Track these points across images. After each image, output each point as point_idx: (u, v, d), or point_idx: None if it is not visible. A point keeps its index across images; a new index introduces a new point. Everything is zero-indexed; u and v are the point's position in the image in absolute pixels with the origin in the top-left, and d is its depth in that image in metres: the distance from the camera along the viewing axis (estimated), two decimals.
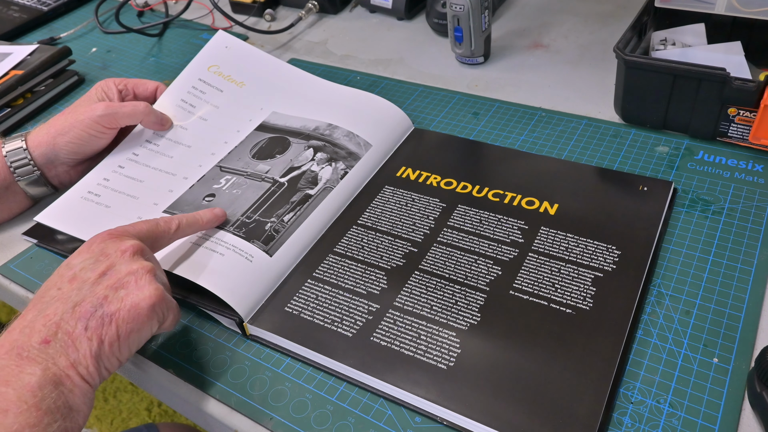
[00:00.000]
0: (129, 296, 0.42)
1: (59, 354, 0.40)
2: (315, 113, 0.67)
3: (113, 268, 0.43)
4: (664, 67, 0.58)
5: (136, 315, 0.42)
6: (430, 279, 0.51)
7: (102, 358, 0.41)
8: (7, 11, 1.02)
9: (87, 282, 0.42)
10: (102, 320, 0.41)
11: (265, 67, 0.72)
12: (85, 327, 0.41)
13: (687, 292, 0.49)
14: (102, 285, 0.42)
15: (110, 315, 0.41)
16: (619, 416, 0.42)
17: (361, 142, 0.63)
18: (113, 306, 0.42)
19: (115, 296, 0.42)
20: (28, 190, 0.62)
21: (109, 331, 0.41)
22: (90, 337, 0.40)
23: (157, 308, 0.43)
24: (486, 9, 0.73)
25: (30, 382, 0.37)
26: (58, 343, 0.40)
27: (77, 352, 0.40)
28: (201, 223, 0.53)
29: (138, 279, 0.43)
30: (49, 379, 0.38)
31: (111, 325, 0.41)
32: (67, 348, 0.40)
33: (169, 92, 0.67)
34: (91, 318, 0.41)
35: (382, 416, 0.44)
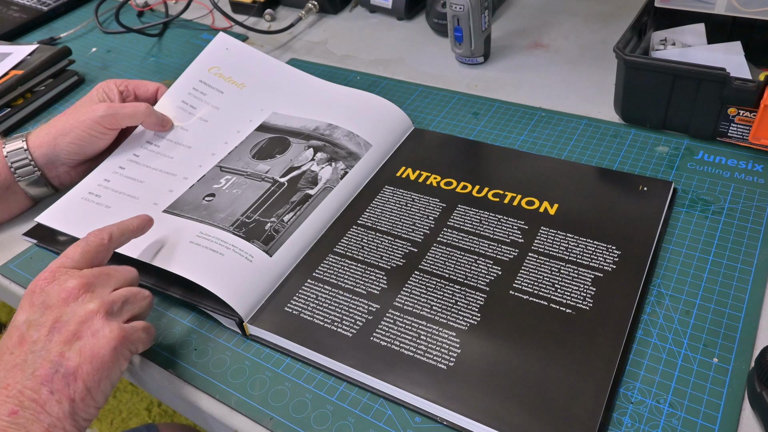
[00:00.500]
0: (86, 347, 0.40)
1: (31, 422, 0.38)
2: (315, 113, 0.67)
3: (60, 320, 0.41)
4: (663, 67, 0.58)
5: (99, 364, 0.40)
6: (430, 279, 0.51)
7: (77, 414, 0.40)
8: (7, 11, 1.02)
9: (38, 342, 0.40)
10: (66, 380, 0.39)
11: (266, 69, 0.72)
12: (51, 391, 0.39)
13: (687, 292, 0.49)
14: (54, 342, 0.40)
15: (73, 373, 0.39)
16: (619, 416, 0.42)
17: (361, 142, 0.63)
18: (72, 362, 0.40)
19: (71, 351, 0.40)
20: (29, 190, 0.62)
21: (77, 388, 0.39)
22: (59, 399, 0.39)
23: (121, 348, 0.42)
24: (486, 9, 0.73)
25: None
26: (27, 412, 0.38)
27: (50, 416, 0.38)
28: (131, 229, 0.50)
29: (90, 326, 0.41)
30: None
31: (77, 382, 0.39)
32: (38, 415, 0.38)
33: (170, 93, 0.67)
34: (53, 380, 0.39)
35: (382, 416, 0.44)
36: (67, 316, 0.41)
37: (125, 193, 0.60)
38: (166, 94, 0.67)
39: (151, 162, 0.63)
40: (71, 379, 0.39)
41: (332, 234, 0.56)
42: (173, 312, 0.53)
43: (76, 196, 0.60)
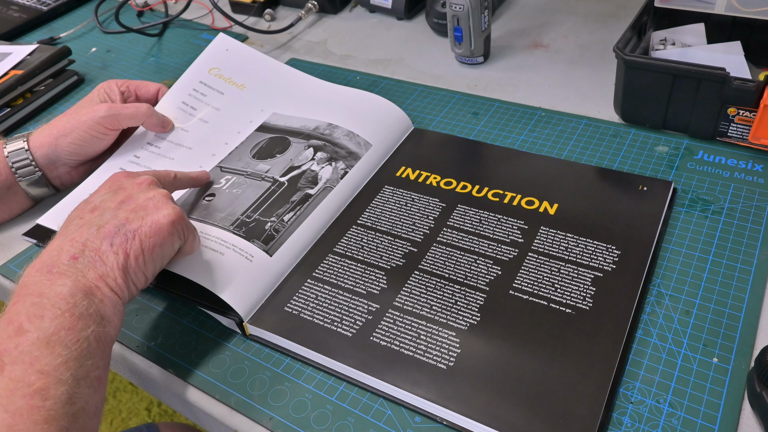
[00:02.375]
0: (149, 215, 0.45)
1: (88, 268, 0.42)
2: (315, 113, 0.67)
3: (132, 197, 0.47)
4: (663, 67, 0.58)
5: (157, 230, 0.45)
6: (429, 279, 0.51)
7: (129, 271, 0.44)
8: (7, 11, 1.02)
9: (108, 210, 0.46)
10: (126, 236, 0.44)
11: (266, 70, 0.72)
12: (111, 243, 0.43)
13: (687, 292, 0.49)
14: (123, 210, 0.45)
15: (133, 231, 0.44)
16: (619, 416, 0.42)
17: (361, 142, 0.63)
18: (135, 224, 0.45)
19: (135, 216, 0.45)
20: (30, 190, 0.62)
21: (134, 245, 0.44)
22: (116, 251, 0.43)
23: (177, 225, 0.46)
24: (486, 9, 0.73)
25: (62, 292, 0.40)
26: (86, 259, 0.42)
27: (105, 266, 0.42)
28: (191, 176, 0.58)
29: (156, 202, 0.46)
30: (80, 289, 0.41)
31: (135, 240, 0.44)
32: (95, 262, 0.42)
33: (171, 94, 0.67)
34: (115, 236, 0.44)
35: (381, 416, 0.44)
36: (138, 194, 0.47)
37: None
38: (166, 95, 0.67)
39: (151, 163, 0.63)
40: (130, 236, 0.44)
41: (332, 234, 0.56)
42: (173, 312, 0.53)
43: (78, 197, 0.60)
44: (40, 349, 0.37)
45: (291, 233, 0.55)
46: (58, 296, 0.40)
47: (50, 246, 0.44)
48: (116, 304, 0.43)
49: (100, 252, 0.43)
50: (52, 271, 0.41)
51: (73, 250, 0.42)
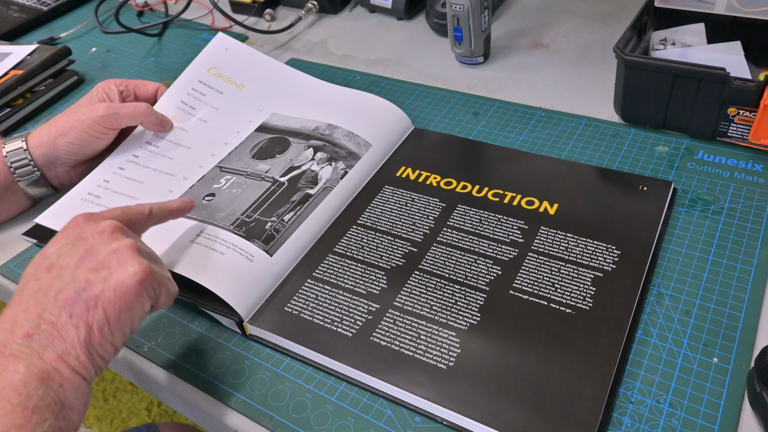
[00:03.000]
0: (112, 275, 0.40)
1: (44, 347, 0.37)
2: (315, 113, 0.67)
3: (92, 251, 0.41)
4: (663, 67, 0.58)
5: (122, 293, 0.39)
6: (429, 279, 0.51)
7: (93, 344, 0.38)
8: (7, 11, 1.02)
9: (66, 269, 0.40)
10: (87, 304, 0.38)
11: (265, 69, 0.72)
12: (70, 314, 0.38)
13: (687, 292, 0.49)
14: (82, 269, 0.40)
15: (95, 297, 0.38)
16: (619, 416, 0.42)
17: (361, 142, 0.63)
18: (96, 288, 0.39)
19: (97, 277, 0.39)
20: (29, 190, 0.62)
21: (96, 314, 0.38)
22: (76, 324, 0.38)
23: (146, 284, 0.41)
24: (486, 9, 0.73)
25: (13, 380, 0.35)
26: (42, 335, 0.37)
27: (64, 342, 0.37)
28: (171, 208, 0.50)
29: (120, 257, 0.40)
30: (35, 375, 0.35)
31: (97, 308, 0.38)
32: (52, 339, 0.37)
33: (169, 94, 0.67)
34: (74, 304, 0.38)
35: (381, 416, 0.44)
36: (99, 247, 0.41)
37: (125, 194, 0.60)
38: (165, 94, 0.67)
39: (150, 163, 0.63)
40: (92, 303, 0.38)
41: (332, 234, 0.56)
42: (173, 312, 0.53)
43: (76, 196, 0.60)
44: None
45: (291, 233, 0.55)
46: (8, 386, 0.34)
47: (4, 315, 0.38)
48: (79, 386, 0.37)
49: (57, 326, 0.37)
50: (4, 352, 0.36)
51: (27, 326, 0.37)
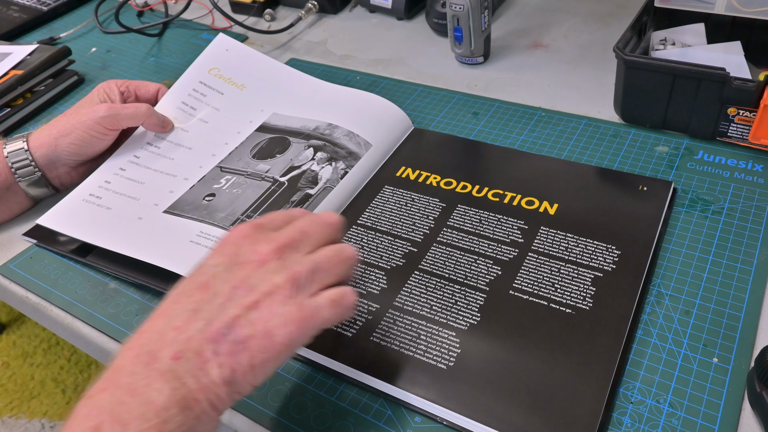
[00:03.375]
0: (261, 321, 0.37)
1: (189, 375, 0.35)
2: (315, 113, 0.67)
3: (247, 283, 0.38)
4: (663, 66, 0.58)
5: (269, 345, 0.36)
6: (429, 279, 0.51)
7: (234, 385, 0.36)
8: (7, 11, 1.02)
9: (218, 296, 0.38)
10: (233, 346, 0.36)
11: (266, 70, 0.72)
12: (215, 351, 0.36)
13: (687, 292, 0.49)
14: (234, 302, 0.37)
15: (242, 341, 0.36)
16: (619, 416, 0.42)
17: (361, 142, 0.63)
18: (245, 330, 0.36)
19: (247, 319, 0.37)
20: (29, 191, 0.62)
21: (242, 360, 0.36)
22: (221, 363, 0.36)
23: (303, 331, 0.38)
24: (486, 9, 0.73)
25: (156, 400, 0.34)
26: (188, 363, 0.35)
27: (207, 377, 0.35)
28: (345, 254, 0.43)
29: (271, 300, 0.37)
30: (177, 401, 0.34)
31: (243, 353, 0.36)
32: (196, 371, 0.35)
33: (170, 94, 0.68)
34: (221, 342, 0.36)
35: (381, 416, 0.44)
36: (253, 281, 0.38)
37: (126, 195, 0.60)
38: (166, 95, 0.67)
39: (151, 163, 0.63)
40: (239, 347, 0.36)
41: None
42: None
43: (77, 197, 0.60)
44: None
45: None
46: (150, 405, 0.33)
47: (153, 322, 0.38)
48: (212, 420, 0.36)
49: (202, 359, 0.35)
50: (151, 365, 0.35)
51: (176, 348, 0.36)
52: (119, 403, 0.34)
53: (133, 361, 0.36)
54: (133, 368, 0.35)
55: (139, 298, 0.54)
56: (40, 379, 1.40)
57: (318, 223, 0.42)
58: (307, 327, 0.38)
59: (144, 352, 0.36)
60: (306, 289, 0.39)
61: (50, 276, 0.57)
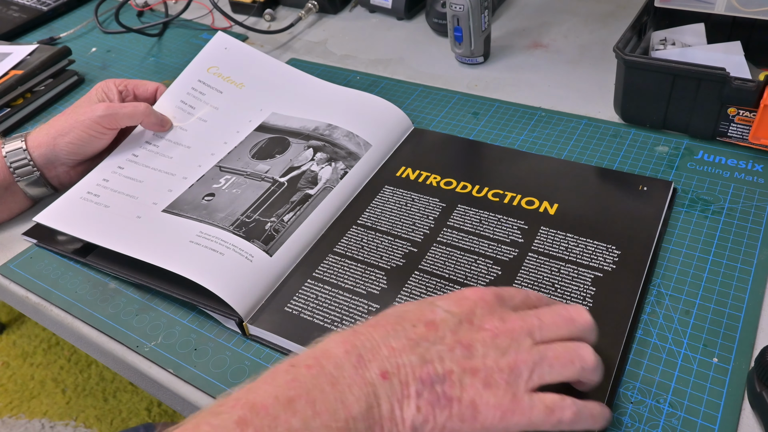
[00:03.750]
0: (473, 389, 0.35)
1: (386, 400, 0.35)
2: (315, 114, 0.67)
3: (473, 346, 0.37)
4: (663, 66, 0.58)
5: (469, 417, 0.35)
6: (429, 279, 0.51)
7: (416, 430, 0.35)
8: (7, 11, 1.02)
9: (442, 342, 0.37)
10: (437, 399, 0.35)
11: (265, 69, 0.72)
12: (419, 393, 0.35)
13: (687, 292, 0.49)
14: (454, 357, 0.36)
15: (448, 398, 0.35)
16: (619, 416, 0.42)
17: (361, 142, 0.63)
18: (455, 390, 0.35)
19: (460, 379, 0.36)
20: (28, 190, 0.62)
21: (439, 416, 0.35)
22: (419, 407, 0.35)
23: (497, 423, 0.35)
24: (486, 9, 0.73)
25: (351, 406, 0.34)
26: (391, 388, 0.35)
27: (401, 413, 0.35)
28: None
29: (489, 378, 0.36)
30: (366, 417, 0.34)
31: (443, 411, 0.35)
32: (395, 400, 0.35)
33: (169, 93, 0.67)
34: (429, 387, 0.35)
35: None
36: (479, 349, 0.37)
37: (124, 193, 0.60)
38: (165, 94, 0.67)
39: (150, 162, 0.63)
40: (442, 403, 0.35)
41: (332, 234, 0.56)
42: (173, 312, 0.53)
43: (75, 195, 0.60)
44: None
45: (291, 233, 0.55)
46: (345, 408, 0.34)
47: (368, 330, 0.37)
48: None
49: (406, 392, 0.35)
50: (359, 369, 0.35)
51: (387, 366, 0.35)
52: (319, 390, 0.34)
53: (344, 355, 0.35)
54: (342, 362, 0.35)
55: (139, 298, 0.54)
56: (40, 379, 1.40)
57: (561, 316, 0.40)
58: (512, 421, 0.35)
59: (355, 354, 0.36)
60: (523, 379, 0.36)
61: (50, 276, 0.57)
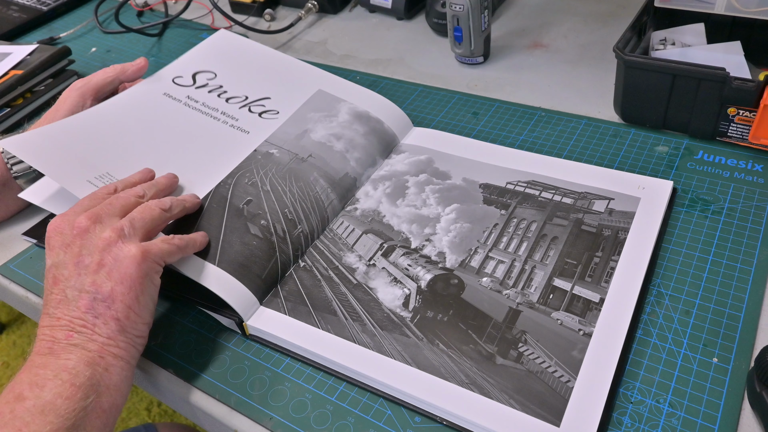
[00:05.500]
0: (113, 271, 0.44)
1: (87, 341, 0.42)
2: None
3: (81, 254, 0.44)
4: (663, 66, 0.58)
5: (131, 283, 0.43)
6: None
7: (126, 330, 0.43)
8: (7, 11, 1.02)
9: (70, 279, 0.44)
10: (105, 303, 0.43)
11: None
12: (95, 315, 0.43)
13: (687, 292, 0.49)
14: (83, 275, 0.44)
15: (109, 296, 0.43)
16: (619, 416, 0.42)
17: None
18: (106, 287, 0.43)
19: (100, 277, 0.43)
20: (26, 188, 0.61)
21: (118, 308, 0.43)
22: (105, 321, 0.43)
23: (145, 264, 0.44)
24: (486, 9, 0.73)
25: (66, 364, 0.41)
26: (80, 336, 0.42)
27: (101, 337, 0.42)
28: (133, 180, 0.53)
29: (110, 251, 0.44)
30: (83, 361, 0.41)
31: (116, 303, 0.43)
32: (90, 336, 0.42)
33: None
34: (94, 307, 0.43)
35: (381, 416, 0.44)
36: (87, 249, 0.45)
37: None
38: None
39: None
40: (110, 301, 0.43)
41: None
42: (173, 312, 0.53)
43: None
44: (33, 416, 0.38)
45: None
46: (62, 368, 0.40)
47: (41, 327, 0.44)
48: (122, 369, 0.43)
49: (88, 325, 0.43)
50: (53, 348, 0.42)
51: (65, 331, 0.42)
52: (35, 375, 0.40)
53: (40, 355, 0.42)
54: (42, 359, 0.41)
55: None
56: None
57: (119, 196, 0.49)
58: (150, 256, 0.45)
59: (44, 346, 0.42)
60: (133, 235, 0.46)
61: None
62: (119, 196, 0.49)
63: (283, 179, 0.58)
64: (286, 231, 0.54)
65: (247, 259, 0.52)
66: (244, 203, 0.55)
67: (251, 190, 0.57)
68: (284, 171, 0.58)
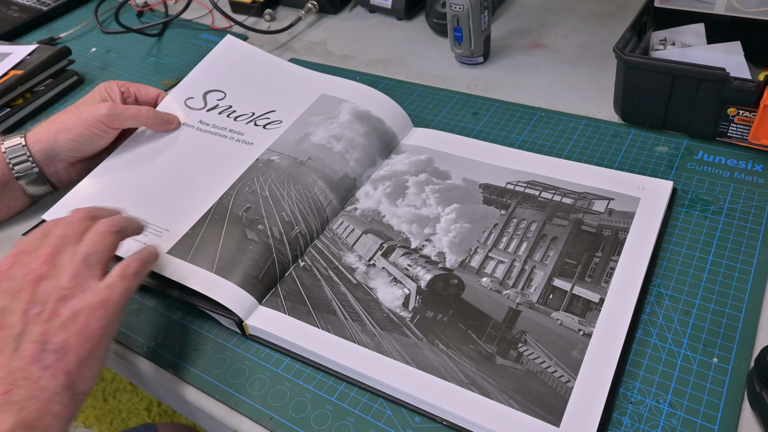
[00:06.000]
0: (70, 323, 0.40)
1: (27, 399, 0.37)
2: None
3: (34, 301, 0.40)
4: (663, 67, 0.58)
5: (88, 335, 0.40)
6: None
7: (74, 386, 0.39)
8: (7, 11, 1.02)
9: (14, 327, 0.39)
10: (57, 354, 0.39)
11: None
12: (42, 367, 0.38)
13: (687, 292, 0.49)
14: (32, 323, 0.39)
15: (62, 347, 0.39)
16: (619, 416, 0.42)
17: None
18: (59, 337, 0.39)
19: (53, 327, 0.39)
20: (28, 188, 0.62)
21: (70, 360, 0.39)
22: (53, 374, 0.38)
23: (109, 312, 0.41)
24: (486, 9, 0.73)
25: (2, 429, 0.36)
26: (22, 390, 0.37)
27: (46, 392, 0.38)
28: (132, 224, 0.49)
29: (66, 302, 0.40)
30: (21, 425, 0.36)
31: (69, 355, 0.39)
32: (33, 391, 0.37)
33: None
34: (42, 358, 0.38)
35: (381, 416, 0.44)
36: (41, 297, 0.41)
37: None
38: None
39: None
40: (62, 352, 0.39)
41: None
42: (173, 312, 0.53)
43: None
44: None
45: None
46: None
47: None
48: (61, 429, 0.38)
49: (32, 379, 0.38)
50: None
51: (4, 384, 0.37)
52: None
53: None
54: None
55: (138, 298, 0.54)
56: None
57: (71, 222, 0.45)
58: (111, 305, 0.41)
59: None
60: (91, 276, 0.42)
61: None
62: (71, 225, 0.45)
63: (282, 184, 0.58)
64: (282, 233, 0.54)
65: (243, 262, 0.52)
66: (243, 210, 0.56)
67: (251, 197, 0.57)
68: (283, 176, 0.58)
